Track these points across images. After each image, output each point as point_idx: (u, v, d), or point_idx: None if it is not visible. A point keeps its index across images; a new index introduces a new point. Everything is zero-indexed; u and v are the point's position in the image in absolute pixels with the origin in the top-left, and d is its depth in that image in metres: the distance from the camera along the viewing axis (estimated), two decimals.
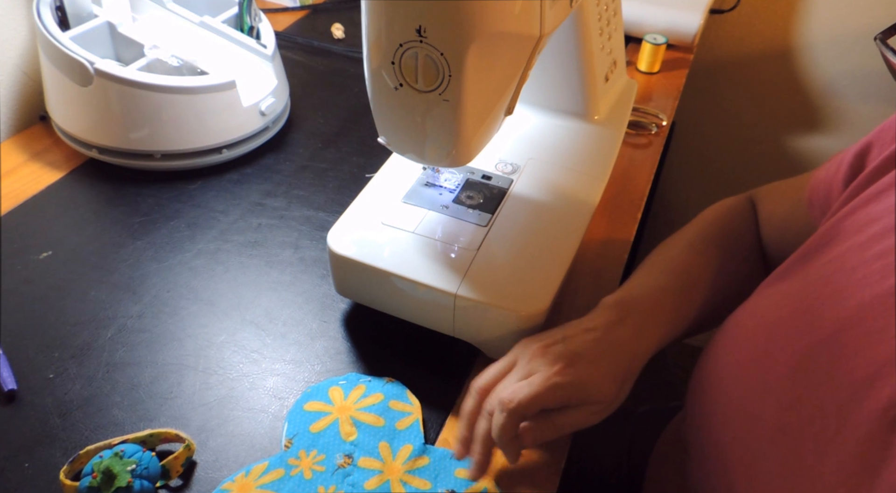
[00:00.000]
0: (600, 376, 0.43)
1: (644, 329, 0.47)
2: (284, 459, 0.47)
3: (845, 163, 0.46)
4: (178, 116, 0.68)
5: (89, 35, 0.72)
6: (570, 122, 0.64)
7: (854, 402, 0.34)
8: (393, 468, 0.47)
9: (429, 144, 0.46)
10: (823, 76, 1.23)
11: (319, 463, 0.46)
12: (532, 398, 0.42)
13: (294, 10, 1.04)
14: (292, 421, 0.49)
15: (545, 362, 0.44)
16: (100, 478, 0.43)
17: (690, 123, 1.36)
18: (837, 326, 0.37)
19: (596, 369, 0.43)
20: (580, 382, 0.43)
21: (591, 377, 0.43)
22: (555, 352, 0.44)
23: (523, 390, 0.42)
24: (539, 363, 0.44)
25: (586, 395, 0.43)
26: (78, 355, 0.53)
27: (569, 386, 0.42)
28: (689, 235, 0.56)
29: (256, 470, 0.46)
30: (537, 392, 0.42)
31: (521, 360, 0.45)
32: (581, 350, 0.44)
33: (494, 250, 0.53)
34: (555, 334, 0.47)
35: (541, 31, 0.43)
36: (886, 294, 0.35)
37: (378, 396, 0.51)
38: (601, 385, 0.43)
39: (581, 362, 0.44)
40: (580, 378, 0.43)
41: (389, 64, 0.41)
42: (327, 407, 0.50)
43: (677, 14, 0.95)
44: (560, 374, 0.42)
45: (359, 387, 0.51)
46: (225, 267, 0.62)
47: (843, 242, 0.40)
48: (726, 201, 0.59)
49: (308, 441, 0.48)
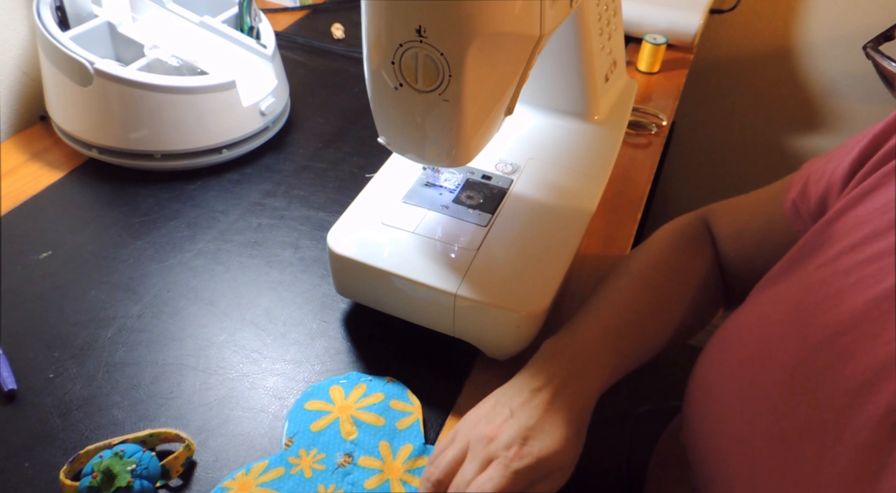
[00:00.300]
0: (557, 445, 0.42)
1: (586, 379, 0.46)
2: (285, 457, 0.47)
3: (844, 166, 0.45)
4: (178, 116, 0.68)
5: (89, 35, 0.72)
6: (570, 122, 0.64)
7: (852, 408, 0.34)
8: (393, 468, 0.46)
9: (429, 144, 0.46)
10: (823, 76, 1.23)
11: (320, 462, 0.46)
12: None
13: (294, 10, 1.04)
14: (293, 420, 0.49)
15: (500, 445, 0.42)
16: (100, 478, 0.43)
17: (690, 123, 1.36)
18: (832, 331, 0.37)
19: (552, 439, 0.42)
20: (541, 459, 0.41)
21: (550, 449, 0.42)
22: (508, 433, 0.42)
23: (486, 489, 0.40)
24: (495, 448, 0.42)
25: (548, 468, 0.42)
26: (78, 355, 0.53)
27: (530, 468, 0.41)
28: (639, 264, 0.55)
29: (257, 469, 0.46)
30: (501, 487, 0.40)
31: (473, 447, 0.43)
32: (532, 423, 0.43)
33: (494, 250, 0.53)
34: (501, 409, 0.44)
35: (541, 32, 0.43)
36: (881, 298, 0.35)
37: (379, 395, 0.51)
38: (560, 453, 0.42)
39: (536, 436, 0.42)
40: (540, 455, 0.41)
41: (389, 64, 0.41)
42: (328, 406, 0.50)
43: (677, 14, 0.95)
44: (518, 458, 0.41)
45: (359, 386, 0.51)
46: (225, 267, 0.62)
47: (835, 244, 0.40)
48: (676, 223, 0.58)
49: (308, 440, 0.48)
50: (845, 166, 0.45)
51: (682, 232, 0.57)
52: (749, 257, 0.54)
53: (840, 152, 0.47)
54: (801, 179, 0.50)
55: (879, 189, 0.40)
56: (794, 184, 0.51)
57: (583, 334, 0.49)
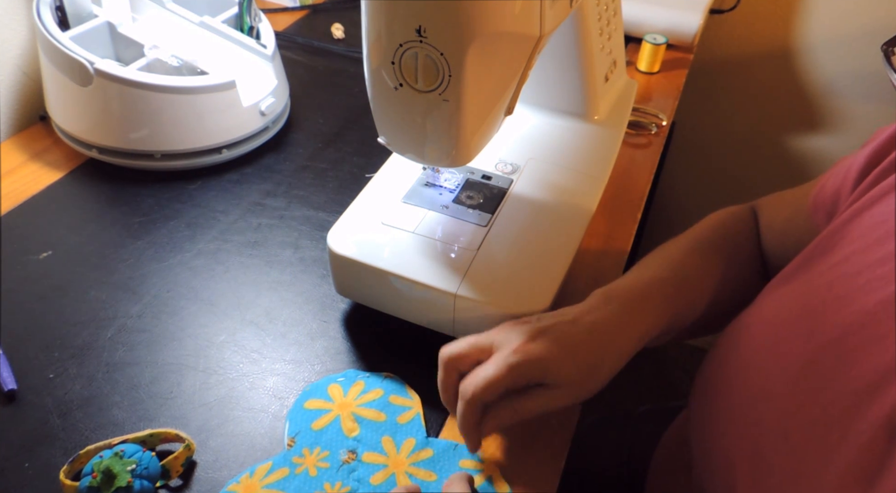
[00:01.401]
0: (561, 355, 0.42)
1: (628, 318, 0.46)
2: (288, 458, 0.47)
3: (855, 167, 0.45)
4: (178, 116, 0.68)
5: (89, 35, 0.72)
6: (570, 122, 0.64)
7: (857, 409, 0.34)
8: (398, 462, 0.47)
9: (429, 144, 0.46)
10: (823, 76, 1.23)
11: (324, 460, 0.47)
12: (487, 386, 0.41)
13: (294, 10, 1.04)
14: (293, 420, 0.49)
15: (509, 336, 0.43)
16: (100, 478, 0.43)
17: (690, 123, 1.36)
18: (841, 331, 0.37)
19: (557, 348, 0.42)
20: (537, 358, 0.41)
21: (550, 354, 0.42)
22: (521, 328, 0.43)
23: (478, 378, 0.41)
24: (503, 337, 0.43)
25: (544, 373, 0.42)
26: (78, 355, 0.53)
27: (525, 364, 0.41)
28: (689, 237, 0.55)
29: (261, 470, 0.46)
30: (492, 378, 0.41)
31: (492, 334, 0.44)
32: (547, 328, 0.43)
33: (494, 250, 0.53)
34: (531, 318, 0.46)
35: (541, 31, 0.43)
36: (890, 300, 0.35)
37: (378, 391, 0.51)
38: (561, 364, 0.42)
39: (543, 338, 0.42)
40: (537, 355, 0.41)
41: (389, 64, 0.41)
42: (327, 404, 0.50)
43: (677, 14, 0.95)
44: (517, 352, 0.41)
45: (358, 383, 0.52)
46: (225, 267, 0.62)
47: (846, 245, 0.40)
48: (728, 209, 0.59)
49: (311, 439, 0.48)
50: (859, 163, 0.44)
51: (733, 215, 0.58)
52: (775, 248, 0.55)
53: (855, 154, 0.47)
54: (825, 176, 0.50)
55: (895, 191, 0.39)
56: (821, 179, 0.51)
57: (631, 282, 0.48)
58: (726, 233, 0.56)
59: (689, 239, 0.55)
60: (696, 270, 0.51)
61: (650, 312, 0.47)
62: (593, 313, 0.45)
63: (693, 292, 0.50)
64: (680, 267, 0.51)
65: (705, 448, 0.44)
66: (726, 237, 0.55)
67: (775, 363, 0.40)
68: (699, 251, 0.53)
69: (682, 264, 0.51)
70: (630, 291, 0.47)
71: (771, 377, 0.40)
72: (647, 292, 0.48)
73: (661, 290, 0.48)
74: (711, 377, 0.46)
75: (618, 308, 0.46)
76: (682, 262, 0.52)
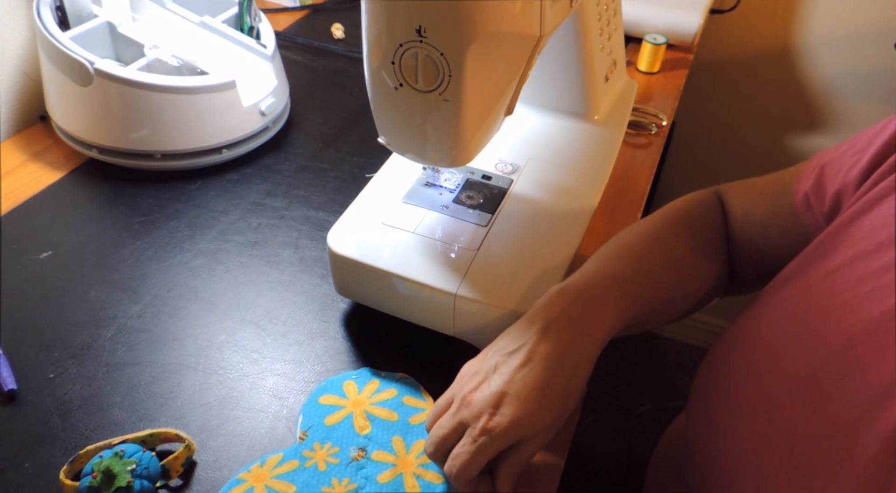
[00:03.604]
0: (530, 410, 0.41)
1: (588, 320, 0.44)
2: (299, 450, 0.47)
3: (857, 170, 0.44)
4: (178, 116, 0.68)
5: (89, 35, 0.72)
6: (570, 122, 0.64)
7: (863, 422, 0.33)
8: (406, 462, 0.47)
9: (429, 144, 0.46)
10: (823, 76, 1.23)
11: (333, 456, 0.47)
12: (466, 470, 0.41)
13: (294, 10, 1.04)
14: (307, 414, 0.49)
15: (472, 413, 0.41)
16: (100, 478, 0.43)
17: (690, 123, 1.36)
18: (844, 342, 0.36)
19: (524, 405, 0.41)
20: (509, 429, 0.40)
21: (520, 416, 0.40)
22: (482, 397, 0.42)
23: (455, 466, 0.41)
24: (468, 415, 0.42)
25: (521, 434, 0.41)
26: (78, 355, 0.53)
27: (498, 439, 0.40)
28: (651, 225, 0.53)
29: (271, 461, 0.46)
30: (469, 462, 0.40)
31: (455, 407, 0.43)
32: (507, 385, 0.41)
33: (494, 250, 0.53)
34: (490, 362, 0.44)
35: (541, 32, 0.43)
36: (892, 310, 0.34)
37: (392, 391, 0.51)
38: (533, 419, 0.41)
39: (508, 402, 0.41)
40: (509, 425, 0.40)
41: (389, 64, 0.41)
42: (342, 401, 0.50)
43: (677, 14, 0.95)
44: (484, 432, 0.40)
45: (372, 382, 0.52)
46: (225, 267, 0.62)
47: (846, 249, 0.39)
48: (693, 195, 0.57)
49: (322, 434, 0.48)
50: (862, 165, 0.43)
51: (697, 201, 0.55)
52: (753, 240, 0.53)
53: (854, 146, 0.45)
54: (812, 170, 0.48)
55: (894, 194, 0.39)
56: (805, 175, 0.49)
57: (590, 277, 0.46)
58: (692, 222, 0.53)
59: (652, 228, 0.52)
60: (657, 264, 0.49)
61: (611, 310, 0.45)
62: (551, 334, 0.43)
63: (653, 287, 0.48)
64: (639, 262, 0.49)
65: (705, 455, 0.44)
66: (692, 226, 0.53)
67: (778, 373, 0.39)
68: (662, 243, 0.51)
69: (641, 258, 0.49)
70: (589, 288, 0.45)
71: (773, 387, 0.39)
72: (607, 289, 0.46)
73: (621, 287, 0.46)
74: (713, 384, 0.45)
75: (576, 311, 0.44)
76: (642, 255, 0.49)
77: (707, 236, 0.53)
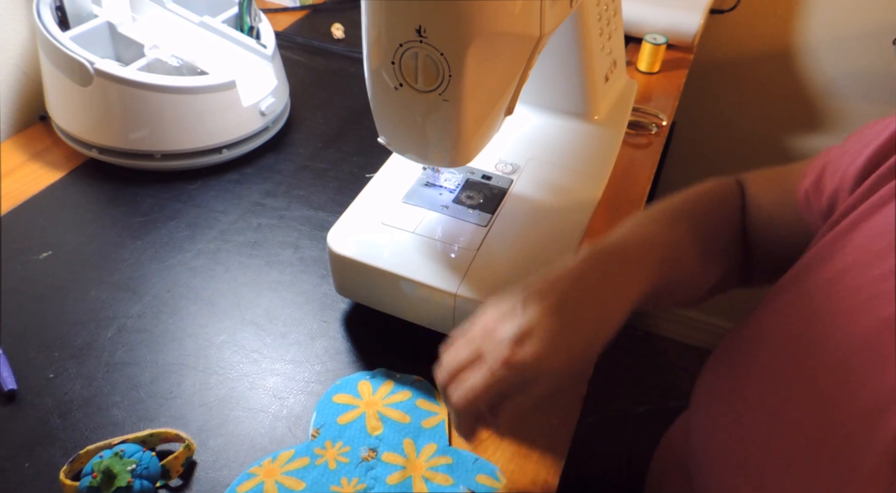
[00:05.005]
0: (551, 351, 0.40)
1: (622, 278, 0.43)
2: (311, 448, 0.47)
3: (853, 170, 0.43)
4: (178, 116, 0.68)
5: (89, 35, 0.72)
6: (570, 122, 0.64)
7: (863, 434, 0.33)
8: (416, 465, 0.47)
9: (429, 144, 0.46)
10: (823, 76, 1.23)
11: (344, 455, 0.47)
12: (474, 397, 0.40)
13: (294, 10, 1.04)
14: (321, 411, 0.49)
15: (494, 344, 0.41)
16: (100, 478, 0.43)
17: (690, 123, 1.36)
18: (845, 351, 0.36)
19: (545, 345, 0.40)
20: (528, 365, 0.40)
21: (540, 355, 0.40)
22: (505, 329, 0.41)
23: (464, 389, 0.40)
24: (489, 345, 0.41)
25: (537, 373, 0.40)
26: (78, 355, 0.53)
27: (516, 373, 0.40)
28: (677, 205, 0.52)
29: (283, 457, 0.47)
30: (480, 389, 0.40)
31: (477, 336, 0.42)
32: (534, 321, 0.40)
33: (494, 250, 0.53)
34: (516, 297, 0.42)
35: (541, 32, 0.43)
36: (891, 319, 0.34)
37: (406, 393, 0.51)
38: (553, 360, 0.40)
39: (531, 338, 0.40)
40: (527, 362, 0.40)
41: (389, 64, 0.41)
42: (355, 400, 0.50)
43: (677, 14, 0.95)
44: (506, 364, 0.39)
45: (387, 383, 0.52)
46: (225, 267, 0.62)
47: (847, 256, 0.39)
48: (718, 181, 0.56)
49: (335, 432, 0.48)
50: (857, 167, 0.43)
51: (723, 187, 0.55)
52: (760, 228, 0.53)
53: (856, 145, 0.45)
54: (816, 167, 0.48)
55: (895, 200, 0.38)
56: (809, 171, 0.49)
57: (625, 238, 0.46)
58: (714, 205, 0.53)
59: (678, 207, 0.52)
60: (687, 235, 0.49)
61: (643, 271, 0.44)
62: (583, 282, 0.42)
63: (682, 256, 0.48)
64: (670, 232, 0.48)
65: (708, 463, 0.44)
66: (715, 210, 0.53)
67: (779, 380, 0.39)
68: (689, 219, 0.50)
69: (672, 229, 0.49)
70: (624, 248, 0.45)
71: (774, 394, 0.39)
72: (641, 250, 0.45)
73: (654, 251, 0.46)
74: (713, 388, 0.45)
75: (611, 268, 0.43)
76: (672, 227, 0.49)
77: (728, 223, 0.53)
